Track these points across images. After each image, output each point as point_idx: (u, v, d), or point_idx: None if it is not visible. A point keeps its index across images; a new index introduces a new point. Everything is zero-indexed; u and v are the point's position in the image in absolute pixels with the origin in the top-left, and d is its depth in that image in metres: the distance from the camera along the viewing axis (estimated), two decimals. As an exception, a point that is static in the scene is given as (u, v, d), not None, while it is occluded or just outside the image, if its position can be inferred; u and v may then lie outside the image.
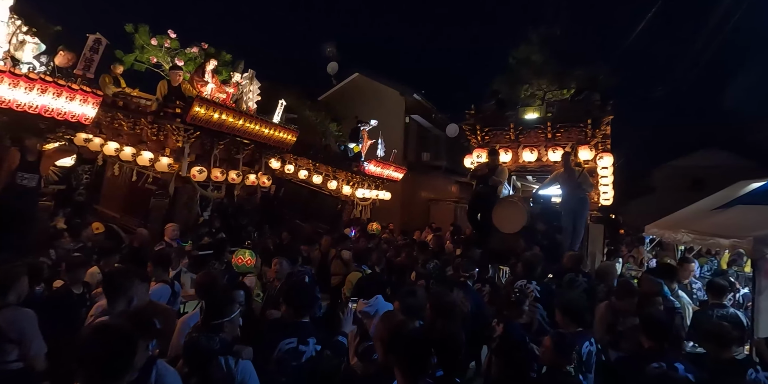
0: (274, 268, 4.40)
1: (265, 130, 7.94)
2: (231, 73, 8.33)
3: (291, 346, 2.59)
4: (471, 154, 8.84)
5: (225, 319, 2.38)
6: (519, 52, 12.52)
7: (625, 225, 18.88)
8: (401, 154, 14.22)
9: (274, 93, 9.35)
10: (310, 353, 2.62)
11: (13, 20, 4.96)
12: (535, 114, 8.57)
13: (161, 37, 8.70)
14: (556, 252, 6.21)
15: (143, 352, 2.07)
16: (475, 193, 7.81)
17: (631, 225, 17.13)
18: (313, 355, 2.63)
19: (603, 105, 7.83)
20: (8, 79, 4.57)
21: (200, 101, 6.65)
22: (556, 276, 5.20)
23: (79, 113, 5.30)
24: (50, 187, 6.32)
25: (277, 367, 2.53)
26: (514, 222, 7.01)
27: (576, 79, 11.17)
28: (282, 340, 2.60)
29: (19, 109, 4.75)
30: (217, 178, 7.47)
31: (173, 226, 6.13)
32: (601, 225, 9.31)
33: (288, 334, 2.63)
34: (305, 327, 2.73)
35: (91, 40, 5.53)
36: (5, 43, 4.79)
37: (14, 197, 5.16)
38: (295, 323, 2.74)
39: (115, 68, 7.95)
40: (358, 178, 10.95)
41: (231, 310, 2.44)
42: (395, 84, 16.44)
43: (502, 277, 7.46)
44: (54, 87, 4.95)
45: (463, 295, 4.19)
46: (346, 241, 7.06)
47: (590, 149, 7.81)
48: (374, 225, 10.24)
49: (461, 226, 13.08)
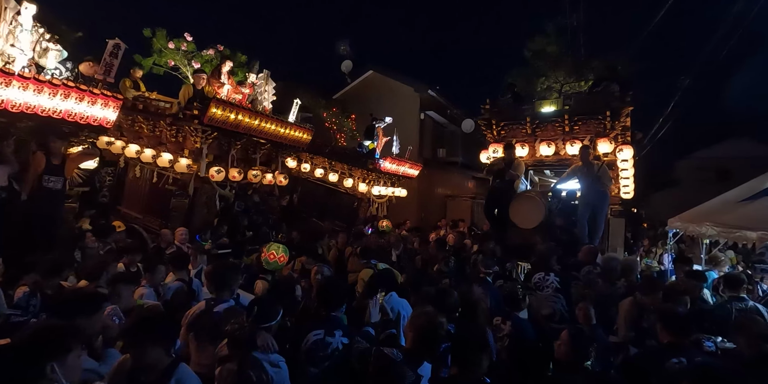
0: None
1: (280, 130, 8.01)
2: (246, 73, 8.43)
3: (318, 337, 2.70)
4: (487, 149, 8.76)
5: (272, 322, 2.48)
6: (534, 44, 12.33)
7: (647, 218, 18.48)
8: (416, 151, 14.18)
9: (289, 92, 9.44)
10: (336, 345, 2.71)
11: (36, 28, 5.10)
12: (552, 107, 8.42)
13: (178, 41, 8.86)
14: (575, 247, 6.12)
15: (164, 355, 2.09)
16: (492, 189, 7.75)
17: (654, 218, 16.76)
18: (339, 347, 2.71)
19: (622, 96, 7.64)
20: (33, 85, 4.71)
21: (217, 102, 6.75)
22: (572, 269, 5.14)
23: (100, 117, 5.44)
24: (75, 189, 6.50)
25: (305, 356, 2.65)
26: (532, 217, 6.94)
27: (594, 70, 10.93)
28: (311, 331, 2.72)
29: (43, 114, 4.90)
30: (235, 177, 7.58)
31: (183, 230, 6.24)
32: (622, 219, 9.14)
33: (316, 326, 2.75)
34: (333, 320, 2.84)
35: (111, 45, 5.67)
36: (30, 51, 4.94)
37: (41, 199, 5.32)
38: (324, 316, 2.85)
39: (135, 72, 8.14)
40: (374, 175, 10.96)
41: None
42: (409, 80, 16.37)
43: (521, 273, 7.41)
44: (76, 92, 5.09)
45: (483, 292, 4.18)
46: (363, 238, 7.10)
47: (610, 142, 7.65)
48: (385, 222, 10.22)
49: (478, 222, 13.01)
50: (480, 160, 9.15)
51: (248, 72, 8.42)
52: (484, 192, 10.11)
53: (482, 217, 13.27)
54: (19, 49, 4.77)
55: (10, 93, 4.58)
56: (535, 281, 4.43)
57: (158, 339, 2.09)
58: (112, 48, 5.68)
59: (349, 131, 14.69)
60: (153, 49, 8.93)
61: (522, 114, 8.33)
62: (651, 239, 12.09)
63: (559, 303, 3.84)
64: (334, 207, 11.50)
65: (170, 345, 2.22)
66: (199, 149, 7.07)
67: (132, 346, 2.10)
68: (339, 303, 2.93)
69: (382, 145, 11.56)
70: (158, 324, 2.17)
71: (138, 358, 2.05)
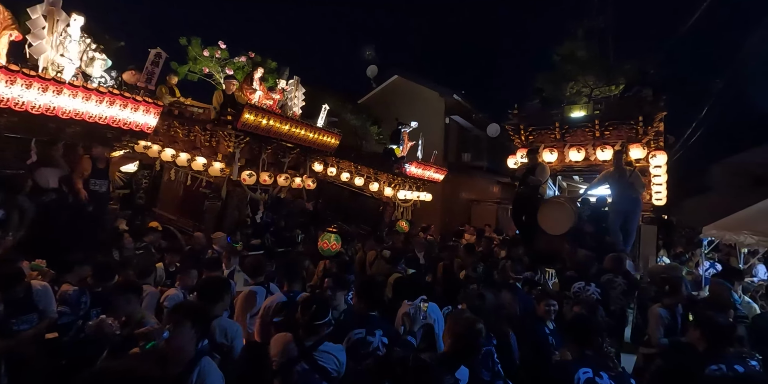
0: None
1: (309, 134, 8.18)
2: (277, 80, 8.64)
3: (360, 336, 2.80)
4: (514, 154, 8.71)
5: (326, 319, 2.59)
6: (563, 48, 12.16)
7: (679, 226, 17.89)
8: (441, 155, 14.17)
9: (317, 97, 9.62)
10: (376, 344, 2.82)
11: (84, 38, 5.39)
12: (581, 112, 8.31)
13: (212, 49, 9.17)
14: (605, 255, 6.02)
15: (193, 347, 2.12)
16: (518, 195, 7.68)
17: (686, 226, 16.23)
18: (380, 346, 2.81)
19: (655, 100, 7.49)
20: (82, 93, 4.98)
21: (250, 108, 6.95)
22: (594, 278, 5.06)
23: (142, 123, 5.69)
24: (117, 191, 6.78)
25: (348, 353, 2.71)
26: (561, 223, 6.84)
27: (625, 74, 10.70)
28: (352, 330, 2.81)
29: (90, 120, 5.17)
30: (266, 181, 7.77)
31: (222, 236, 6.40)
32: (654, 226, 8.91)
33: (358, 325, 2.85)
34: (373, 320, 2.94)
35: (153, 55, 5.93)
36: (77, 60, 5.22)
37: (88, 202, 5.59)
38: (365, 316, 2.94)
39: (171, 79, 8.47)
40: (400, 179, 11.01)
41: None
42: (434, 85, 16.41)
43: (548, 280, 7.32)
44: (121, 99, 5.35)
45: (511, 297, 4.17)
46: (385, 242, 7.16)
47: (642, 147, 7.50)
48: (402, 223, 10.24)
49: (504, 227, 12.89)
50: (507, 165, 9.09)
51: (278, 78, 8.63)
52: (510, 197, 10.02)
53: (507, 223, 13.16)
54: (68, 58, 5.03)
55: (60, 100, 4.86)
56: (574, 290, 4.37)
57: (196, 330, 2.15)
58: (153, 57, 5.94)
59: (375, 135, 14.82)
60: (188, 56, 9.26)
61: (550, 119, 8.25)
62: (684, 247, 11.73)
63: (599, 314, 3.79)
64: (359, 211, 11.59)
65: (200, 339, 2.26)
66: (232, 153, 7.28)
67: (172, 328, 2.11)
68: (379, 303, 3.04)
69: (408, 150, 11.61)
70: (197, 313, 2.24)
71: (172, 344, 2.07)
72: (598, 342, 2.45)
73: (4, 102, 4.46)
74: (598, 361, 2.37)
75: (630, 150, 7.52)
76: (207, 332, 2.44)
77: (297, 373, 2.41)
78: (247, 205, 7.97)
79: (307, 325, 2.51)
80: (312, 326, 2.51)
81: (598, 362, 2.36)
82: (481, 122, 17.32)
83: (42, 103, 4.71)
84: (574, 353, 2.51)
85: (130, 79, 6.01)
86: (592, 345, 2.44)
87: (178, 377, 2.02)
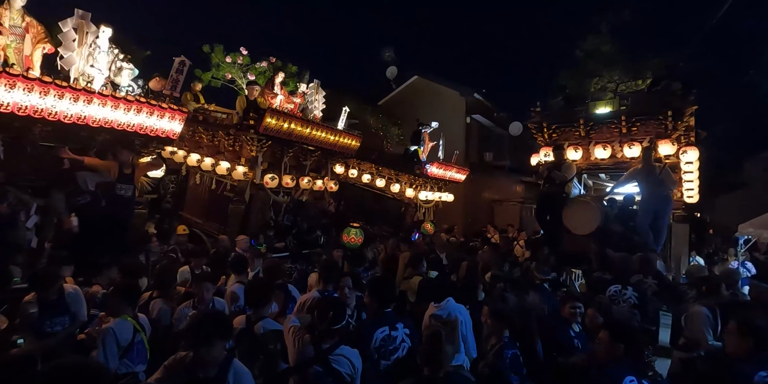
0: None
1: (330, 137, 8.23)
2: (297, 83, 8.73)
3: (384, 333, 2.90)
4: (538, 152, 8.55)
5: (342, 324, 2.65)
6: (587, 43, 11.89)
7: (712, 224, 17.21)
8: (463, 155, 14.06)
9: (337, 100, 9.68)
10: (401, 337, 2.94)
11: (112, 49, 5.57)
12: (607, 108, 8.10)
13: (234, 55, 9.34)
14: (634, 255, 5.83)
15: (221, 350, 2.21)
16: (542, 193, 7.54)
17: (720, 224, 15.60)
18: (404, 338, 2.94)
19: (685, 94, 7.22)
20: (111, 102, 5.15)
21: (272, 112, 7.05)
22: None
23: (168, 129, 5.84)
24: (145, 196, 6.96)
25: (377, 353, 2.83)
26: (587, 223, 6.68)
27: (652, 68, 10.39)
28: (377, 329, 2.90)
29: (119, 128, 5.34)
30: (288, 184, 7.85)
31: (244, 238, 6.50)
32: (686, 225, 8.60)
33: (380, 324, 2.94)
34: (391, 315, 3.06)
35: (177, 63, 6.08)
36: (106, 70, 5.39)
37: (114, 206, 5.75)
38: (383, 313, 3.04)
39: (195, 86, 8.66)
40: (421, 180, 10.97)
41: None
42: (455, 85, 16.31)
43: (575, 281, 7.16)
44: (147, 107, 5.51)
45: (539, 299, 4.09)
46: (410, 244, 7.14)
47: (672, 143, 7.25)
48: (427, 226, 10.18)
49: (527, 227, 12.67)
50: (530, 163, 8.94)
51: (299, 82, 8.72)
52: (534, 196, 9.85)
53: (531, 222, 12.94)
54: (97, 69, 5.21)
55: (91, 109, 5.03)
56: (609, 294, 4.23)
57: (223, 335, 2.24)
58: (178, 65, 6.09)
59: (395, 136, 14.81)
60: (212, 63, 9.46)
61: (575, 116, 8.07)
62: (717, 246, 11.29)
63: (635, 319, 3.66)
64: (381, 212, 11.61)
65: (227, 341, 2.38)
66: (255, 157, 7.38)
67: (199, 341, 2.16)
68: (392, 298, 3.17)
69: (429, 150, 11.57)
70: (223, 321, 2.35)
71: (203, 353, 2.14)
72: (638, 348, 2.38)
73: (39, 112, 4.65)
74: (639, 368, 2.30)
75: (659, 146, 7.28)
76: (231, 335, 2.50)
77: (311, 375, 2.44)
78: (270, 208, 8.08)
79: (325, 329, 2.55)
80: (329, 331, 2.55)
81: (639, 369, 2.29)
82: (502, 121, 17.11)
83: (74, 113, 4.89)
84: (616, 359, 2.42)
85: (155, 87, 6.18)
86: (632, 351, 2.37)
87: (216, 379, 2.12)
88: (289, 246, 7.57)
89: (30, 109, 4.57)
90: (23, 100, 4.51)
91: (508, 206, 16.12)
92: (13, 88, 4.41)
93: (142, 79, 5.80)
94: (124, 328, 2.87)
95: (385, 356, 2.84)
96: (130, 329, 2.90)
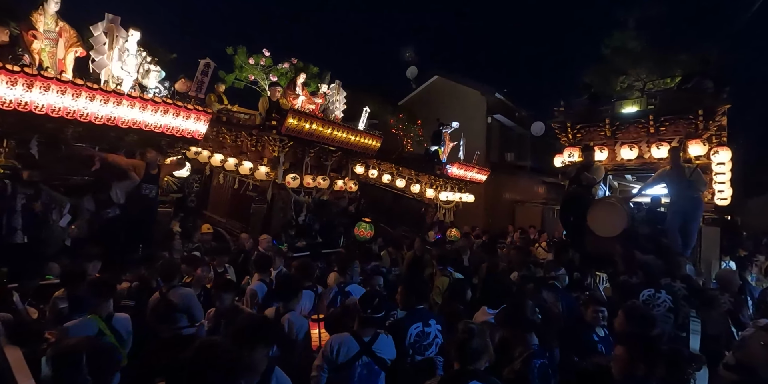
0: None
1: (351, 137, 8.26)
2: (319, 84, 8.79)
3: (419, 329, 2.99)
4: (561, 153, 8.38)
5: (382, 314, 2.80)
6: (613, 39, 11.58)
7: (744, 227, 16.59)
8: (484, 155, 13.92)
9: (358, 100, 9.71)
10: (434, 333, 3.03)
11: (140, 52, 5.72)
12: (634, 107, 7.88)
13: (257, 57, 9.48)
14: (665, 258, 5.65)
15: (264, 357, 2.18)
16: (568, 194, 7.37)
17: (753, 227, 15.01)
18: (437, 333, 3.03)
19: (717, 92, 6.96)
20: (139, 103, 5.29)
21: (293, 113, 7.12)
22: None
23: (193, 130, 5.97)
24: (171, 195, 7.12)
25: (412, 349, 2.93)
26: (613, 224, 6.50)
27: (682, 65, 10.05)
28: (411, 325, 2.98)
29: (147, 128, 5.48)
30: (309, 184, 7.92)
31: (267, 238, 6.57)
32: (717, 228, 8.30)
33: (414, 320, 3.02)
34: (424, 311, 3.17)
35: (202, 65, 6.21)
36: (135, 73, 5.54)
37: (139, 205, 5.86)
38: (416, 309, 3.13)
39: (218, 87, 8.83)
40: (441, 181, 10.91)
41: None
42: (475, 84, 16.17)
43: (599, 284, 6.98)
44: (174, 108, 5.64)
45: (554, 297, 4.01)
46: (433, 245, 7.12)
47: (703, 143, 6.99)
48: (453, 231, 10.08)
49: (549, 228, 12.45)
50: (553, 164, 8.76)
51: (320, 83, 8.78)
52: (557, 197, 9.66)
53: (553, 224, 12.71)
54: (126, 71, 5.36)
55: (120, 111, 5.18)
56: (643, 298, 4.10)
57: (269, 342, 2.23)
58: (203, 67, 6.21)
59: (415, 137, 14.78)
60: (235, 65, 9.62)
61: (600, 115, 7.87)
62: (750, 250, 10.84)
63: (669, 323, 3.53)
64: (401, 213, 11.59)
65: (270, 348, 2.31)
66: (277, 157, 7.48)
67: (245, 349, 2.12)
68: (426, 296, 3.35)
69: (449, 150, 11.49)
70: (270, 328, 2.35)
71: (249, 360, 2.11)
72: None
73: (71, 114, 4.81)
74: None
75: (689, 146, 7.04)
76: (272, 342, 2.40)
77: (361, 367, 2.63)
78: (292, 208, 8.16)
79: (366, 318, 2.69)
80: (370, 319, 2.70)
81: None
82: (524, 120, 16.88)
83: (104, 114, 5.04)
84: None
85: (181, 88, 6.32)
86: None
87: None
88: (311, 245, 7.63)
89: (63, 111, 4.74)
90: (57, 102, 4.67)
91: (530, 207, 15.89)
92: (47, 90, 4.58)
93: (168, 81, 5.95)
94: (82, 330, 2.69)
95: (420, 351, 2.95)
96: (93, 331, 2.72)
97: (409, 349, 2.91)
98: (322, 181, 8.21)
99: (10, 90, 4.39)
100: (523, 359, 2.50)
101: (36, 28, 5.20)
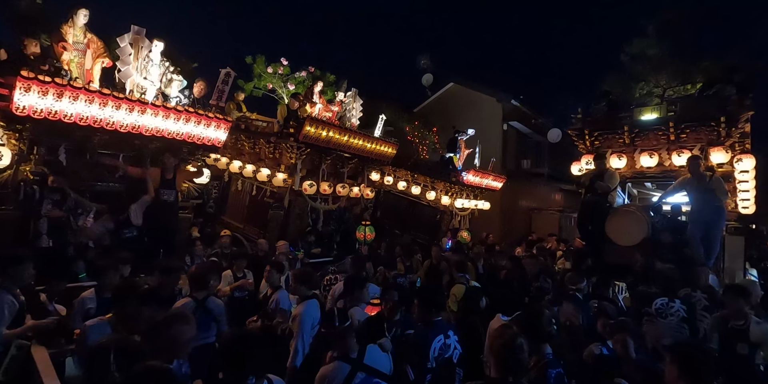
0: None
1: (367, 145, 8.33)
2: (335, 92, 8.90)
3: (441, 342, 2.95)
4: (579, 160, 8.29)
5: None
6: (633, 46, 11.45)
7: (769, 236, 16.08)
8: (500, 163, 13.83)
9: (374, 108, 9.79)
10: (453, 344, 3.02)
11: (163, 61, 5.90)
12: (653, 114, 7.75)
13: (275, 65, 9.66)
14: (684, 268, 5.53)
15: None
16: (583, 203, 7.28)
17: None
18: (456, 345, 3.02)
19: (740, 99, 6.81)
20: (162, 112, 5.45)
21: (311, 121, 7.22)
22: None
23: (213, 137, 6.11)
24: (191, 201, 7.26)
25: (434, 361, 2.88)
26: (633, 233, 6.40)
27: (703, 71, 9.87)
28: (434, 338, 2.94)
29: (169, 136, 5.64)
30: (325, 191, 7.99)
31: (285, 244, 6.65)
32: (740, 237, 8.09)
33: (437, 333, 2.98)
34: (442, 323, 3.12)
35: (223, 74, 6.36)
36: (158, 82, 5.72)
37: (159, 210, 5.97)
38: (435, 321, 3.07)
39: (237, 95, 8.99)
40: (457, 188, 10.88)
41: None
42: (491, 91, 16.11)
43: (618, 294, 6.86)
44: (195, 116, 5.79)
45: (574, 308, 3.95)
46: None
47: (725, 151, 6.85)
48: (463, 234, 10.01)
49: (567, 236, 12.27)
50: (571, 172, 8.67)
51: (337, 91, 8.89)
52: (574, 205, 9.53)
53: (571, 232, 12.52)
54: (150, 81, 5.53)
55: (144, 119, 5.34)
56: (656, 307, 4.03)
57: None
58: (223, 76, 6.37)
59: (431, 144, 14.79)
60: (253, 74, 9.81)
61: (619, 123, 7.77)
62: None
63: (684, 333, 3.46)
64: (416, 220, 11.58)
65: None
66: (294, 164, 7.57)
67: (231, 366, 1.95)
68: (443, 307, 3.32)
69: (465, 157, 11.48)
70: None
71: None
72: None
73: (98, 122, 4.98)
74: None
75: (711, 154, 6.90)
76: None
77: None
78: (309, 214, 8.24)
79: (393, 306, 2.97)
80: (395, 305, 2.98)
81: None
82: (541, 127, 16.74)
83: (129, 122, 5.21)
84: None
85: (197, 91, 6.43)
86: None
87: None
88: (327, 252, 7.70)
89: (90, 119, 4.91)
90: (84, 111, 4.85)
91: (547, 215, 15.69)
92: (76, 99, 4.76)
93: (188, 90, 6.10)
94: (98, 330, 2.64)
95: (442, 363, 2.93)
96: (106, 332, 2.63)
97: (433, 362, 2.88)
98: (341, 189, 8.26)
99: (41, 99, 4.58)
100: (538, 368, 2.48)
101: (66, 40, 5.42)
